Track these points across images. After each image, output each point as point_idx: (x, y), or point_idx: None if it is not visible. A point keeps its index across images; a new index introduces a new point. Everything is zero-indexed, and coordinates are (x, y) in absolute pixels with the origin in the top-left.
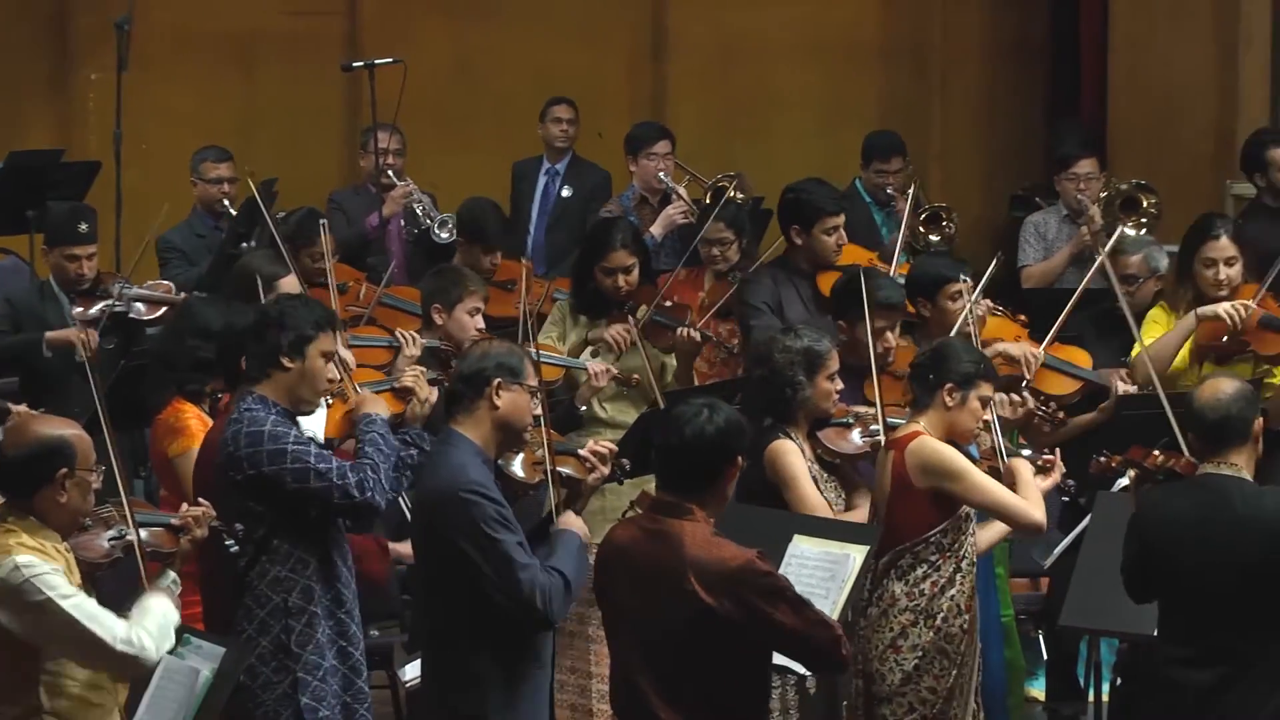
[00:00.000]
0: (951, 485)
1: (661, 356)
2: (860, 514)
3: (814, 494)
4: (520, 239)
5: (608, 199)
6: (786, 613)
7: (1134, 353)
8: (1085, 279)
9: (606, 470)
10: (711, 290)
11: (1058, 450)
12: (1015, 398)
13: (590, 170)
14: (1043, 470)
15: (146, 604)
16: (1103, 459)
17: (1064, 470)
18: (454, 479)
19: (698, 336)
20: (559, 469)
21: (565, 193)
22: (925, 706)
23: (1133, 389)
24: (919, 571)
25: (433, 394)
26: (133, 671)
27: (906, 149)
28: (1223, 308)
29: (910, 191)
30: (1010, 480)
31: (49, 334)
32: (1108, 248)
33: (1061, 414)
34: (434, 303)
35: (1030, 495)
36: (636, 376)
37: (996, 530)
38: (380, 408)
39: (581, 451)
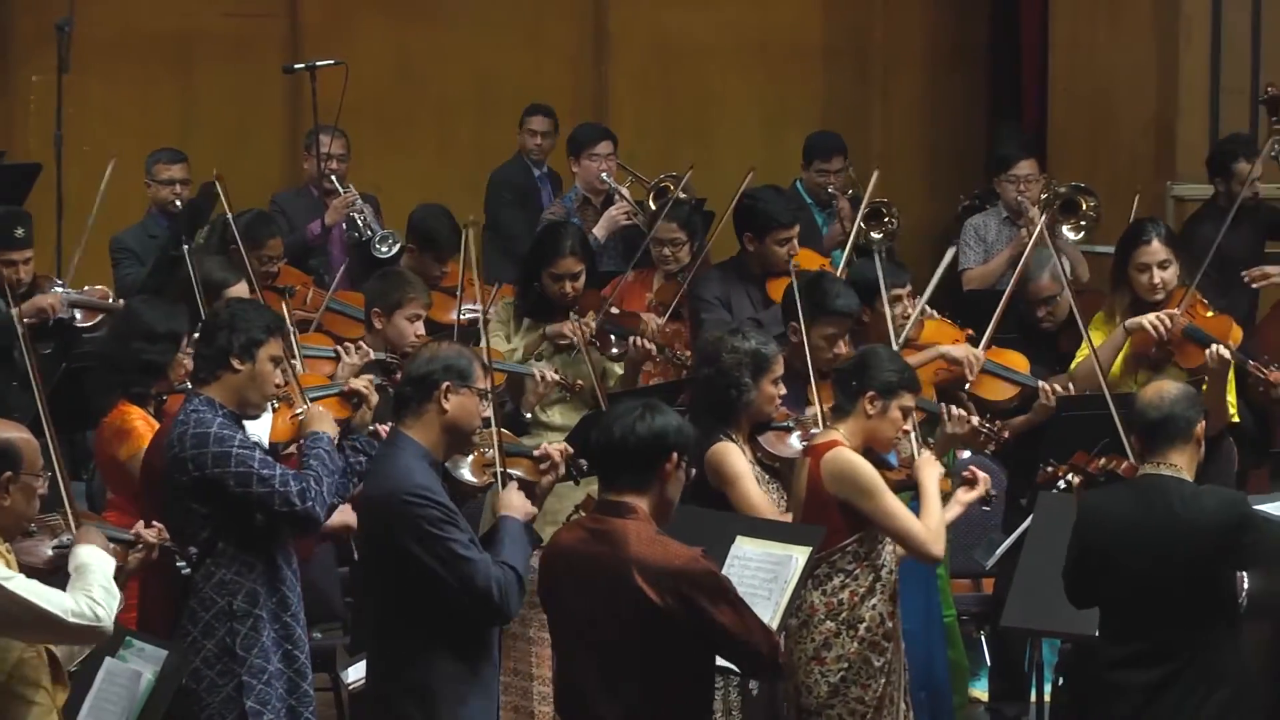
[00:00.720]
0: (860, 502)
1: (605, 362)
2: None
3: (757, 492)
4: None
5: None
6: (727, 613)
7: (1075, 362)
8: (1015, 276)
9: (560, 472)
10: (660, 290)
11: (987, 476)
12: (958, 412)
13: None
14: (967, 482)
15: (80, 560)
16: (1049, 468)
17: (990, 484)
18: (399, 483)
19: (652, 349)
20: (510, 471)
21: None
22: (855, 718)
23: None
24: (836, 581)
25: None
26: (90, 641)
27: (847, 149)
28: (1148, 319)
29: (851, 192)
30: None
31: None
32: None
33: (1006, 433)
34: (374, 307)
35: (931, 518)
36: (581, 382)
37: (953, 511)
38: (328, 426)
39: (536, 451)
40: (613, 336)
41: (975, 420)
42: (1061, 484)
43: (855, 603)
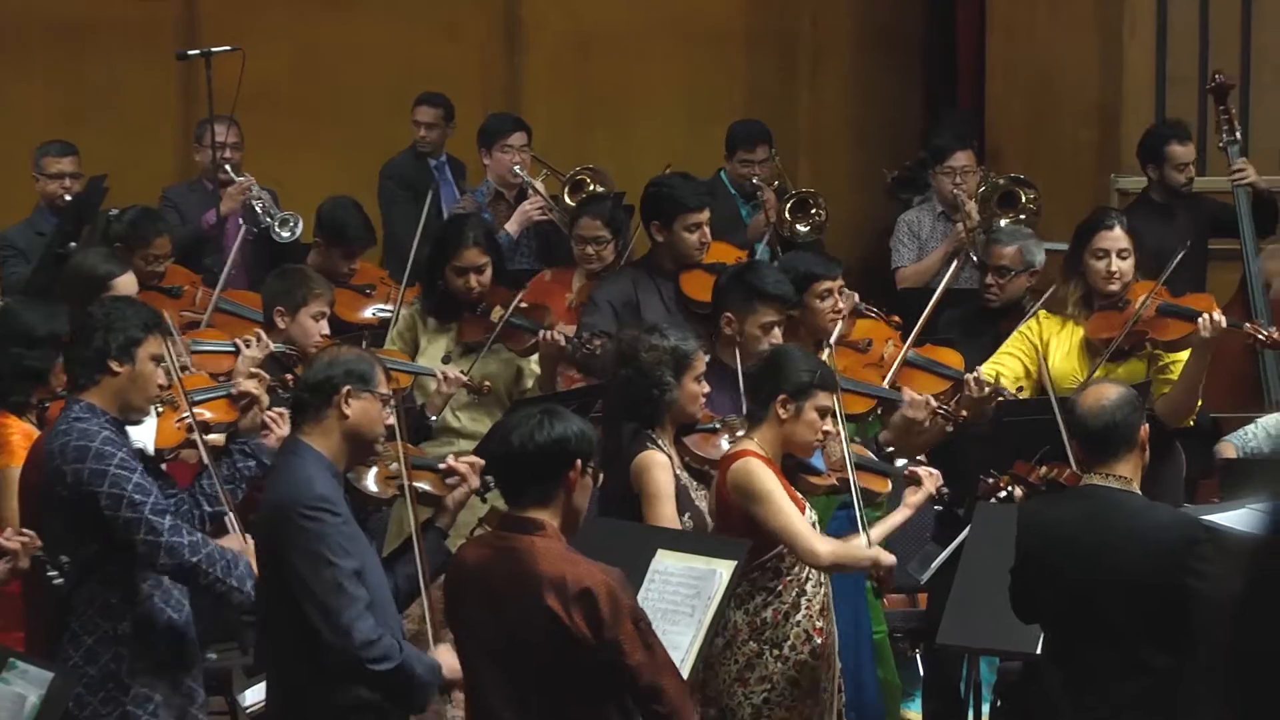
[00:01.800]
0: (754, 509)
1: (519, 361)
2: None
3: (672, 517)
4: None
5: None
6: (635, 644)
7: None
8: (948, 275)
9: (471, 485)
10: (581, 291)
11: (934, 473)
12: (917, 397)
13: (460, 167)
14: (912, 481)
15: None
16: (990, 479)
17: (940, 481)
18: (299, 492)
19: (561, 340)
20: (416, 485)
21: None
22: None
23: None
24: (758, 599)
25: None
26: None
27: (772, 138)
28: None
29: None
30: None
31: None
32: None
33: (964, 412)
34: (276, 305)
35: (877, 530)
36: (488, 383)
37: (889, 523)
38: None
39: (441, 465)
40: (520, 331)
41: (932, 401)
42: (1003, 494)
43: (779, 621)
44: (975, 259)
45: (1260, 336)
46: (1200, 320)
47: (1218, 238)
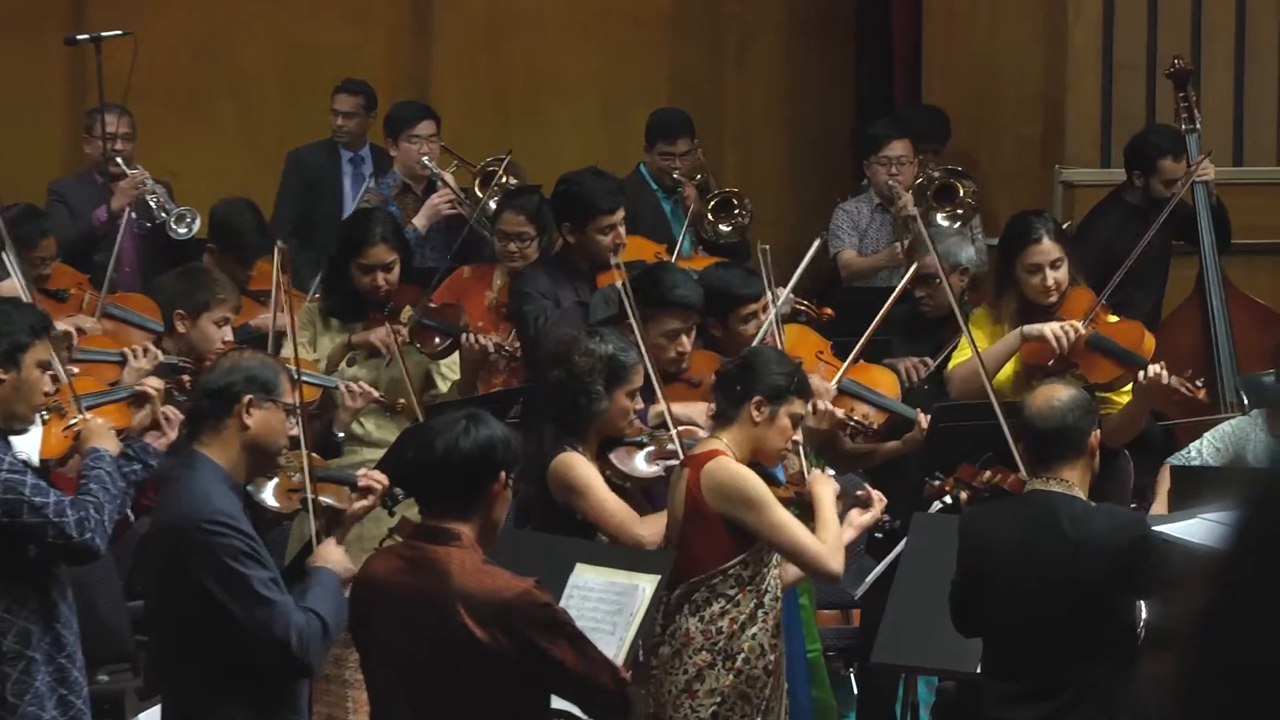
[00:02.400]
0: (746, 515)
1: (428, 364)
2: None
3: (613, 499)
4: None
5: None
6: (565, 650)
7: (952, 364)
8: (889, 302)
9: (373, 501)
10: (503, 290)
11: (882, 498)
12: (823, 406)
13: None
14: (860, 503)
15: None
16: (936, 482)
17: (884, 505)
18: (196, 508)
19: (490, 346)
20: (321, 498)
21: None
22: None
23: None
24: (715, 607)
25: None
26: None
27: (695, 129)
28: (1050, 330)
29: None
30: (811, 502)
31: None
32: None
33: (876, 424)
34: (177, 308)
35: (829, 533)
36: (403, 401)
37: (846, 535)
38: (109, 442)
39: (359, 480)
40: (432, 333)
41: (839, 413)
42: (948, 499)
43: (734, 631)
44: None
45: (1185, 393)
46: (1143, 375)
47: (1179, 239)
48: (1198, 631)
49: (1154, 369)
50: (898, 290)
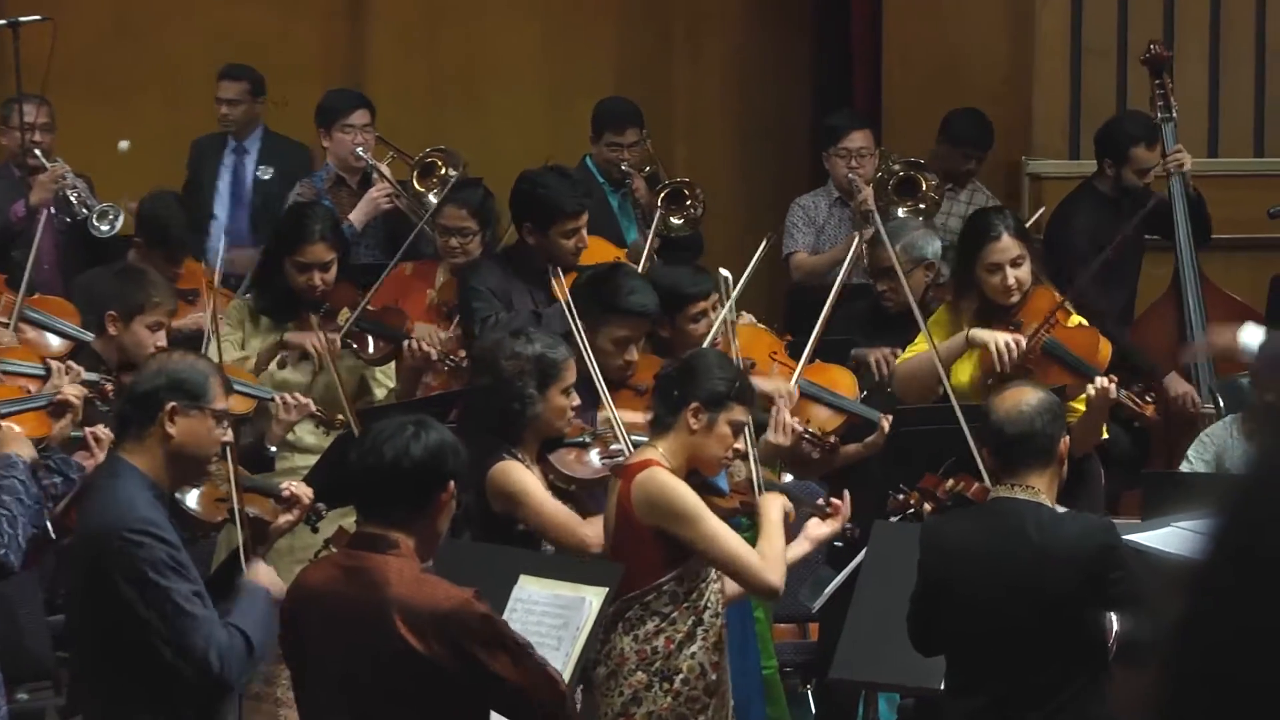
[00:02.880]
0: (677, 529)
1: (364, 369)
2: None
3: (553, 504)
4: (199, 231)
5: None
6: (505, 663)
7: (903, 357)
8: (841, 274)
9: (298, 515)
10: (444, 288)
11: (846, 493)
12: (785, 421)
13: (289, 147)
14: (819, 513)
15: None
16: (900, 495)
17: (847, 513)
18: (119, 517)
19: (432, 352)
20: (248, 509)
21: (263, 174)
22: None
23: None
24: (650, 625)
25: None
26: None
27: (644, 119)
28: (994, 343)
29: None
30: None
31: None
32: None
33: (833, 438)
34: (110, 308)
35: (769, 546)
36: (341, 417)
37: (800, 549)
38: (23, 449)
39: (286, 486)
40: (370, 337)
41: (799, 426)
42: (911, 511)
43: (671, 651)
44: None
45: (1133, 407)
46: (1091, 388)
47: (1154, 233)
48: (1176, 642)
49: (1101, 382)
50: (839, 282)
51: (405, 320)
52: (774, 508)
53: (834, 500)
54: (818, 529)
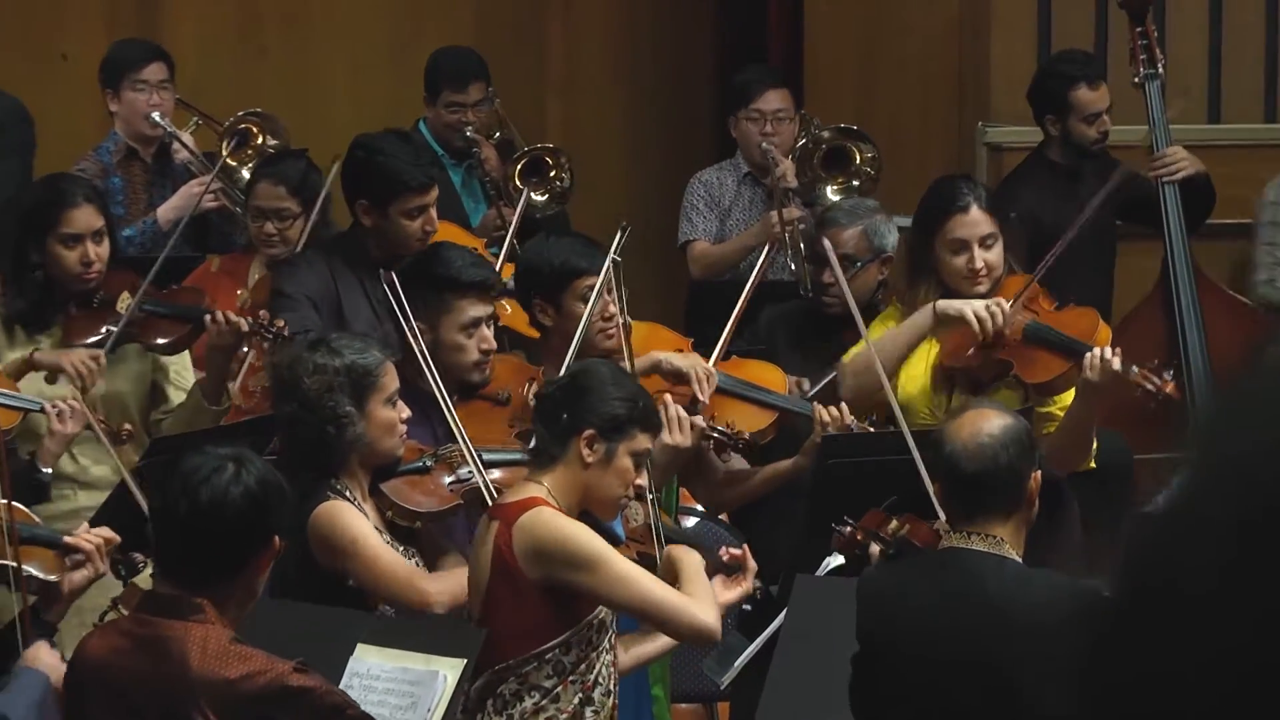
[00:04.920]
0: (577, 578)
1: (152, 373)
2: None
3: (387, 552)
4: None
5: (26, 131)
6: None
7: (849, 356)
8: (759, 265)
9: (98, 568)
10: (259, 286)
11: (745, 546)
12: (680, 415)
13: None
14: (725, 569)
15: None
16: (847, 529)
17: (754, 571)
18: None
19: (244, 325)
20: (24, 566)
21: None
22: None
23: (849, 420)
24: (528, 703)
25: None
26: None
27: (489, 73)
28: (971, 309)
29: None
30: (670, 575)
31: None
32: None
33: (746, 434)
34: None
35: (696, 587)
36: (129, 427)
37: (657, 642)
38: None
39: (66, 539)
40: (161, 323)
41: (702, 423)
42: (832, 561)
43: None
44: (799, 249)
45: (1149, 388)
46: (1088, 359)
47: (1135, 220)
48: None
49: (1101, 353)
50: (755, 275)
51: (203, 298)
52: (688, 558)
53: (733, 551)
54: (727, 592)
